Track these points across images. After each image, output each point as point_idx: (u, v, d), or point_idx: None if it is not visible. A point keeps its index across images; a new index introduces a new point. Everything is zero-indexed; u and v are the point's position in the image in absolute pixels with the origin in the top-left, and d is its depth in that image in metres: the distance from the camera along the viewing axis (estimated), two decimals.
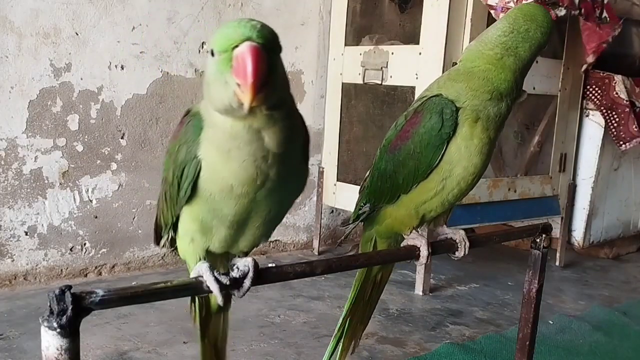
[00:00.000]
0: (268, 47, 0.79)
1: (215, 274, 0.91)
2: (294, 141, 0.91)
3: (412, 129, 1.12)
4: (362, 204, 1.28)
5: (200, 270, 0.91)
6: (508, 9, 2.25)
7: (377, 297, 1.43)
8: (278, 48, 0.83)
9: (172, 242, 1.06)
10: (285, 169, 0.90)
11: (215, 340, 1.22)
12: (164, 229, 1.05)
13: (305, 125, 0.97)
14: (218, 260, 1.07)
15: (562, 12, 2.27)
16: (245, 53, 0.77)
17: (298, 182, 0.98)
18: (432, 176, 1.11)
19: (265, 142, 0.85)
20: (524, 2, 2.20)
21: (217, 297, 0.90)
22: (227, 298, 1.15)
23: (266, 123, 0.84)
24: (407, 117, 1.16)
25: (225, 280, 0.91)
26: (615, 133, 2.93)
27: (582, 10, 2.39)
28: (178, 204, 0.96)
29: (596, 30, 2.54)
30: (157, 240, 1.09)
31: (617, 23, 2.56)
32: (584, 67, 2.75)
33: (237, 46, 0.78)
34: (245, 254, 1.04)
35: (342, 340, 1.41)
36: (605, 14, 2.51)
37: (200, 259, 0.98)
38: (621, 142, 2.93)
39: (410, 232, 1.20)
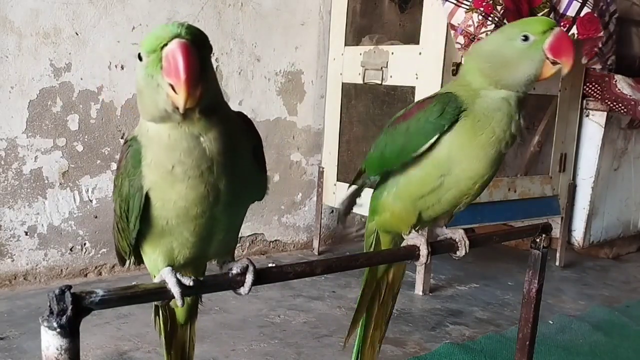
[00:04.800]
0: (198, 44, 0.76)
1: (178, 275, 0.87)
2: (238, 146, 0.87)
3: (417, 110, 1.14)
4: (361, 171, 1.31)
5: (163, 274, 0.88)
6: (468, 32, 2.27)
7: (390, 299, 1.41)
8: (208, 48, 0.79)
9: (138, 260, 1.03)
10: (236, 177, 0.87)
11: (182, 352, 1.19)
12: (125, 255, 1.01)
13: (252, 127, 0.94)
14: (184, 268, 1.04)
15: None
16: (175, 50, 0.73)
17: (255, 188, 0.95)
18: (430, 170, 1.11)
19: (206, 150, 0.81)
20: (483, 27, 2.24)
21: (177, 300, 0.86)
22: (194, 309, 1.15)
23: (203, 128, 0.81)
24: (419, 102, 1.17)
25: (188, 281, 0.87)
26: (629, 111, 2.91)
27: None
28: (131, 235, 0.93)
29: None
30: (122, 262, 1.06)
31: (595, 35, 2.57)
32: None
33: (165, 45, 0.75)
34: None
35: (362, 350, 1.41)
36: (574, 30, 2.52)
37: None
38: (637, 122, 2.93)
39: (410, 232, 1.20)
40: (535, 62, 1.04)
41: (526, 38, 1.03)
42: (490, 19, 2.24)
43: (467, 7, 2.27)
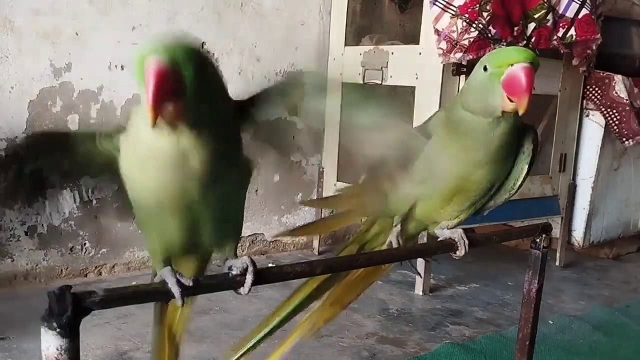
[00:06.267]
0: (175, 60, 0.78)
1: (178, 275, 0.89)
2: (228, 154, 0.91)
3: None
4: None
5: (162, 274, 0.90)
6: (451, 38, 2.27)
7: (361, 283, 1.36)
8: (193, 62, 0.80)
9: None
10: (217, 183, 0.90)
11: (173, 340, 1.22)
12: None
13: (247, 100, 0.97)
14: (185, 263, 1.06)
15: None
16: (148, 68, 0.77)
17: (241, 175, 0.98)
18: (418, 165, 1.16)
19: (191, 164, 0.85)
20: (466, 34, 2.24)
21: (177, 300, 0.88)
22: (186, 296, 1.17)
23: (194, 145, 0.84)
24: None
25: (188, 281, 0.89)
26: (617, 130, 2.94)
27: (533, 38, 2.42)
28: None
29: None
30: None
31: (592, 38, 2.58)
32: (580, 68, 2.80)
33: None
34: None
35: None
36: (572, 32, 2.52)
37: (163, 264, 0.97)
38: (624, 139, 2.95)
39: (396, 226, 1.23)
40: (493, 94, 1.04)
41: (485, 69, 1.04)
42: (474, 25, 2.24)
43: (453, 13, 2.27)
